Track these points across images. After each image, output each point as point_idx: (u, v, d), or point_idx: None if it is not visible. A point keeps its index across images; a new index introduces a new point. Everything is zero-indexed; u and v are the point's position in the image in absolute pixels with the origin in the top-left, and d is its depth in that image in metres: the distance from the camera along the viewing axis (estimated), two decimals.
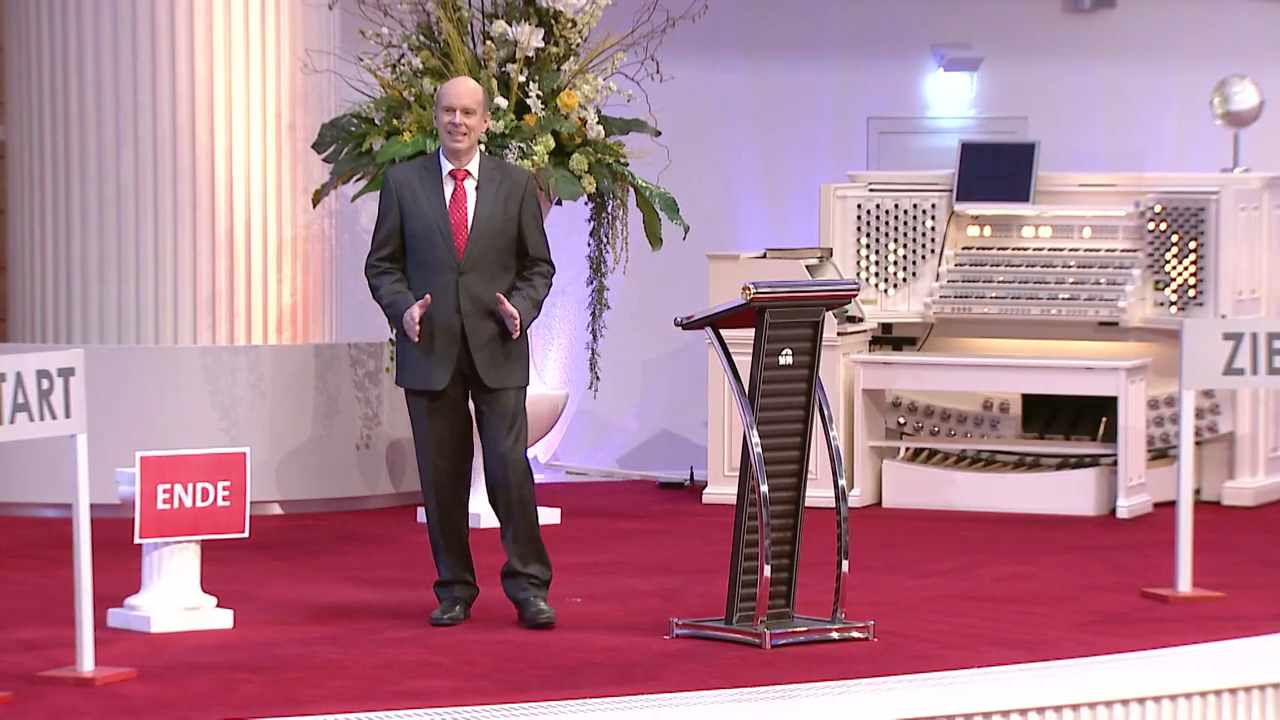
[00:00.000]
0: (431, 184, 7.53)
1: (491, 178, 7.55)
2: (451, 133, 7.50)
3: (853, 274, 11.07)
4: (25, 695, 6.49)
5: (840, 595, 7.45)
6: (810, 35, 12.31)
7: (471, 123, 7.51)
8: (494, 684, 6.73)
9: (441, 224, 7.49)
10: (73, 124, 10.58)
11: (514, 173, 7.64)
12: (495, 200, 7.52)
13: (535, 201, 7.62)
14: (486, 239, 7.50)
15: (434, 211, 7.50)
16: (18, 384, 6.52)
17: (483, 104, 7.58)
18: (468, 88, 7.56)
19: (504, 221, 7.53)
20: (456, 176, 7.54)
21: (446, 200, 7.50)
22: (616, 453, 12.18)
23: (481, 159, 7.59)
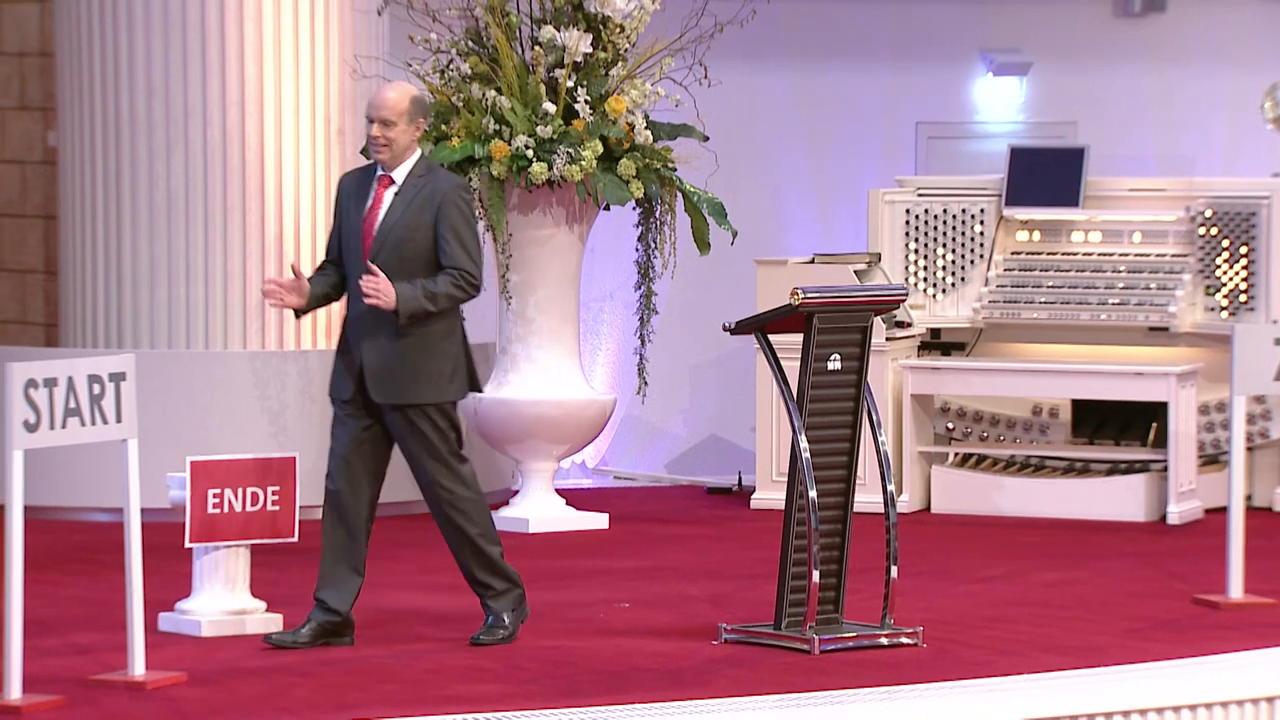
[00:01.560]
0: (363, 191, 7.34)
1: (414, 185, 7.29)
2: (372, 145, 7.29)
3: (901, 279, 11.05)
4: (77, 699, 6.52)
5: (889, 601, 7.43)
6: (859, 40, 12.30)
7: (392, 134, 7.24)
8: (543, 689, 6.73)
9: (355, 230, 7.30)
10: (123, 129, 10.62)
11: (439, 180, 7.32)
12: (408, 208, 7.25)
13: (459, 211, 7.26)
14: (390, 246, 7.22)
15: (354, 218, 7.32)
16: (69, 389, 6.55)
17: (408, 113, 7.26)
18: (387, 97, 7.29)
19: (410, 229, 7.23)
20: (381, 183, 7.34)
21: (366, 207, 7.31)
22: (664, 458, 12.17)
23: (415, 167, 7.31)
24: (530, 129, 10.09)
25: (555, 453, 10.38)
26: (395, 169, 7.31)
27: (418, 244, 7.23)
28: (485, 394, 10.34)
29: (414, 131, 7.29)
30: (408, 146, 7.29)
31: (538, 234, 10.27)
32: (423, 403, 7.28)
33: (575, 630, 7.68)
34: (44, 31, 11.80)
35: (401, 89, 7.33)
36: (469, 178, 10.07)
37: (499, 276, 10.31)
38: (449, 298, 7.25)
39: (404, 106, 7.27)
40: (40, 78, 11.84)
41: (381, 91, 7.34)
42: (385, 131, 7.25)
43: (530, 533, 10.13)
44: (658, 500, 11.33)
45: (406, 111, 7.27)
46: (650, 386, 10.61)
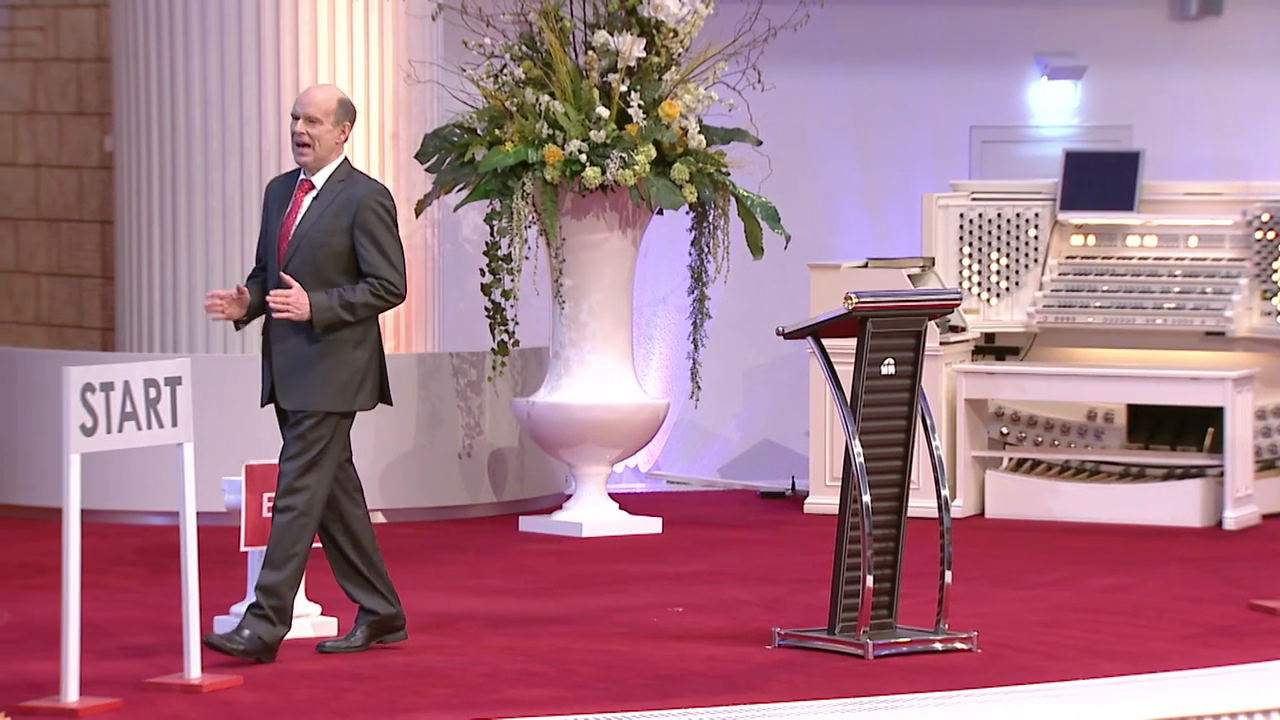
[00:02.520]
0: (283, 196, 7.19)
1: (332, 190, 7.11)
2: (295, 143, 7.12)
3: (955, 283, 11.02)
4: (134, 702, 6.55)
5: (943, 606, 7.41)
6: (912, 44, 12.27)
7: (316, 132, 7.06)
8: (596, 693, 6.74)
9: (274, 235, 7.17)
10: (179, 135, 10.67)
11: (357, 186, 7.12)
12: (324, 214, 7.08)
13: (378, 218, 7.07)
14: (304, 252, 7.06)
15: (274, 223, 7.19)
16: (126, 393, 6.58)
17: (334, 113, 7.08)
18: (314, 96, 7.12)
19: (326, 235, 7.06)
20: (302, 188, 7.18)
21: (285, 212, 7.16)
22: (718, 462, 12.17)
23: (336, 170, 7.14)
24: (584, 133, 10.10)
25: (608, 457, 10.39)
26: (317, 173, 7.13)
27: (333, 250, 7.06)
28: (539, 398, 10.36)
29: (339, 134, 7.10)
30: (332, 148, 7.10)
31: (591, 238, 10.28)
32: (325, 411, 7.09)
33: (628, 634, 7.68)
34: (101, 37, 11.87)
35: (329, 90, 7.18)
36: (523, 182, 10.09)
37: (552, 281, 10.32)
38: (368, 307, 7.07)
39: (331, 106, 7.09)
40: (97, 83, 11.90)
41: (309, 90, 7.18)
42: (309, 129, 7.07)
43: (583, 537, 10.14)
44: (711, 505, 11.32)
45: (333, 112, 7.09)
46: (703, 391, 10.61)
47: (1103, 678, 6.95)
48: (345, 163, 7.16)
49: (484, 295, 10.23)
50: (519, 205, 10.07)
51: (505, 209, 10.09)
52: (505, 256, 10.10)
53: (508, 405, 10.73)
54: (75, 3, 11.98)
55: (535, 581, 8.88)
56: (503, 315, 10.23)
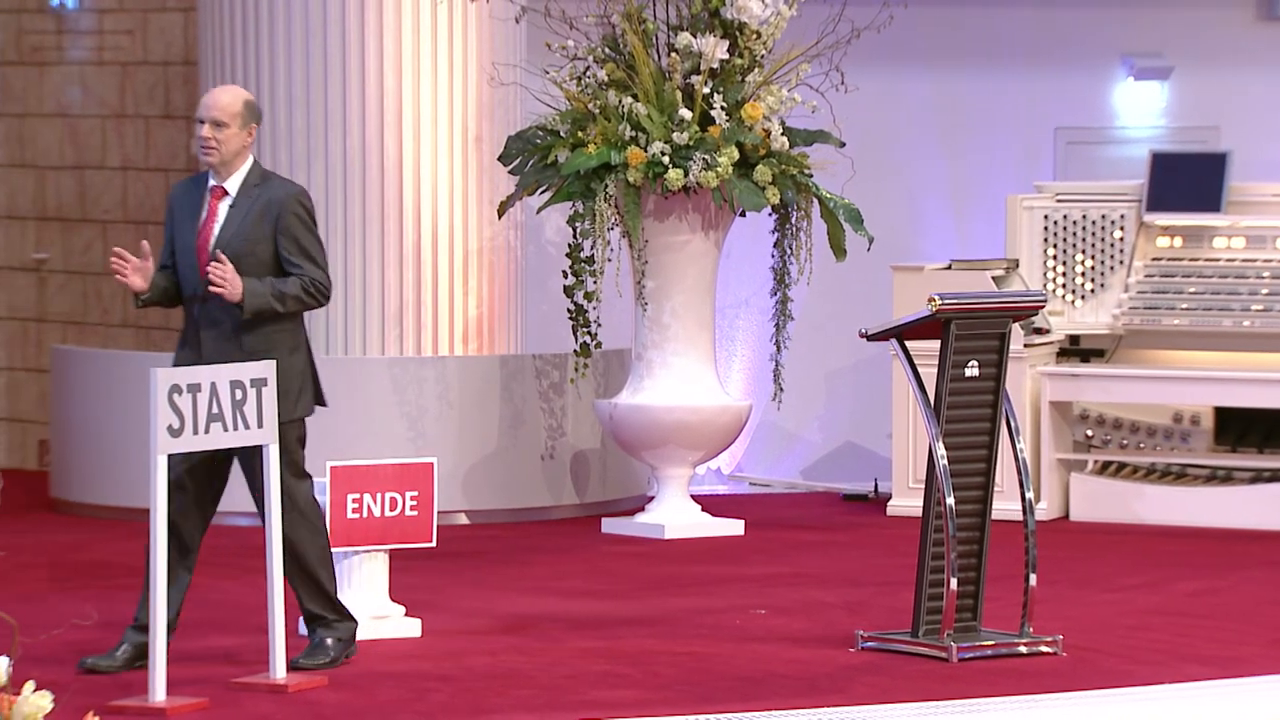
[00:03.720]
0: (194, 203, 7.00)
1: (249, 195, 6.95)
2: (201, 148, 6.95)
3: (1040, 285, 10.97)
4: (221, 701, 6.59)
5: (1028, 609, 7.38)
6: (997, 45, 12.22)
7: (224, 136, 6.90)
8: (679, 694, 6.73)
9: (189, 245, 6.96)
10: (264, 139, 10.73)
11: (276, 189, 6.98)
12: (244, 220, 6.93)
13: (300, 220, 6.97)
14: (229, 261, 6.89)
15: (187, 232, 6.98)
16: (212, 394, 6.62)
17: (241, 116, 6.93)
18: (219, 98, 6.95)
19: (250, 242, 6.92)
20: (214, 194, 6.99)
21: (200, 220, 6.98)
22: (800, 464, 12.15)
23: (248, 174, 6.98)
24: (666, 135, 10.11)
25: (691, 459, 10.39)
26: (227, 178, 6.98)
27: (258, 257, 6.94)
28: (621, 400, 10.37)
29: (246, 136, 6.96)
30: (239, 152, 6.96)
31: (673, 240, 10.28)
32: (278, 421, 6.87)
33: (711, 636, 7.68)
34: (188, 40, 11.95)
35: (235, 91, 7.02)
36: (605, 184, 10.10)
37: (635, 283, 10.33)
38: (298, 300, 6.93)
39: (237, 109, 6.94)
40: (184, 86, 11.99)
41: (214, 93, 6.99)
42: (216, 133, 6.91)
43: (666, 539, 10.14)
44: (793, 506, 11.30)
45: (239, 114, 6.94)
46: (786, 393, 10.60)
47: (1190, 682, 6.90)
48: (256, 165, 7.02)
49: (567, 297, 10.25)
50: (602, 207, 10.08)
51: (588, 211, 10.11)
52: (588, 259, 10.12)
53: (590, 407, 10.75)
54: (163, 6, 12.07)
55: (618, 583, 8.88)
56: (585, 317, 10.24)
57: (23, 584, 8.68)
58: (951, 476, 7.25)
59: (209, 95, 6.99)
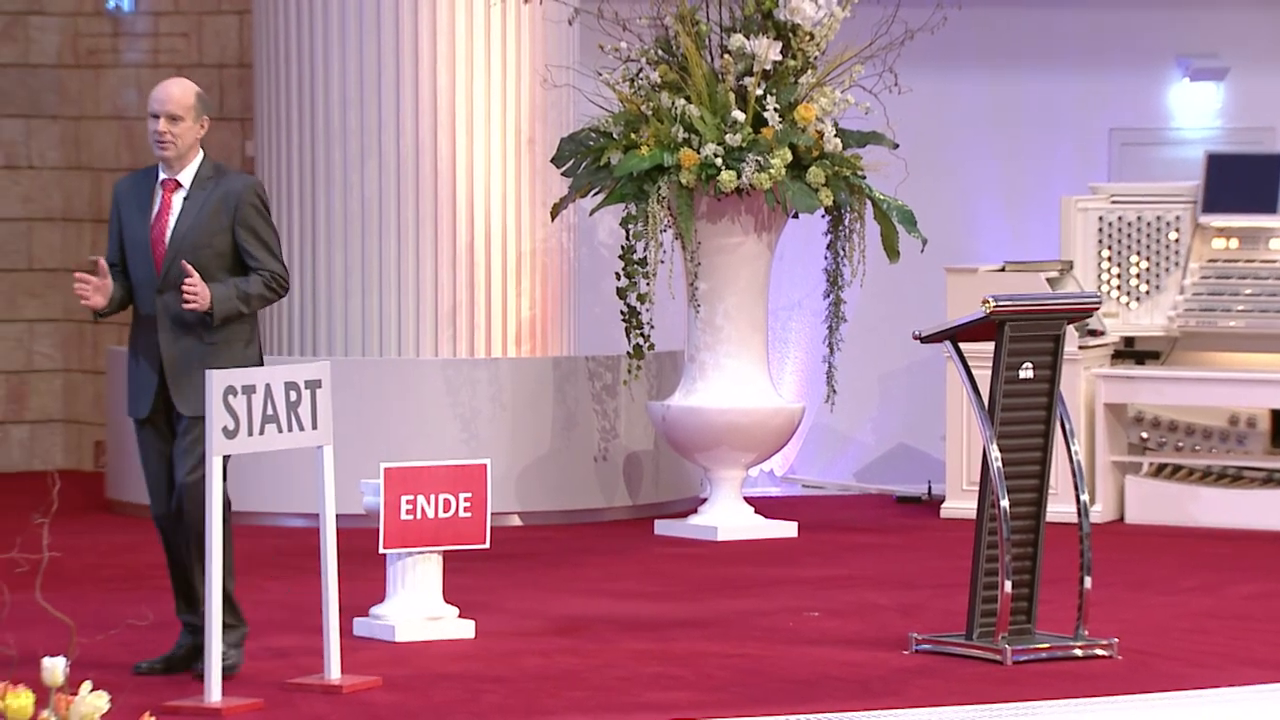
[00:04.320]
0: (143, 196, 6.90)
1: (203, 187, 6.86)
2: (156, 142, 6.83)
3: (1094, 287, 10.93)
4: (276, 702, 6.61)
5: (1083, 611, 7.35)
6: (1051, 46, 12.18)
7: (178, 130, 6.82)
8: (732, 696, 6.73)
9: (142, 239, 6.86)
10: (318, 140, 10.77)
11: (231, 181, 6.90)
12: (200, 213, 6.84)
13: (257, 212, 6.90)
14: (186, 254, 6.80)
15: (139, 226, 6.88)
16: (267, 395, 6.63)
17: (194, 109, 6.85)
18: (172, 92, 6.84)
19: (208, 235, 6.83)
20: (166, 187, 6.89)
21: (153, 214, 6.88)
22: (853, 466, 12.13)
23: (201, 167, 6.90)
24: (719, 137, 10.10)
25: (744, 460, 10.38)
26: (180, 171, 6.88)
27: (215, 250, 6.85)
28: (674, 401, 10.36)
29: (199, 130, 6.88)
30: (192, 145, 6.88)
31: (726, 242, 10.27)
32: None
33: (765, 638, 7.67)
34: (243, 43, 12.00)
35: (185, 85, 6.91)
36: (658, 186, 10.10)
37: (687, 285, 10.32)
38: (261, 298, 6.90)
39: (190, 102, 6.86)
40: (239, 88, 12.03)
41: (165, 86, 6.89)
42: (171, 127, 6.82)
43: (719, 540, 10.13)
44: (847, 509, 11.28)
45: (193, 107, 6.87)
46: (839, 394, 10.58)
47: (1246, 685, 6.86)
48: (207, 158, 6.95)
49: (619, 299, 10.25)
50: (654, 209, 10.08)
51: (641, 213, 10.11)
52: (641, 260, 10.12)
53: (643, 408, 10.75)
54: (218, 9, 12.12)
55: (671, 585, 8.88)
56: (638, 319, 10.24)
57: (78, 585, 8.72)
58: (1006, 479, 7.23)
59: (161, 89, 6.88)
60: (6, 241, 12.46)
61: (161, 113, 6.84)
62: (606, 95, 10.42)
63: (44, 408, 12.61)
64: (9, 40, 12.39)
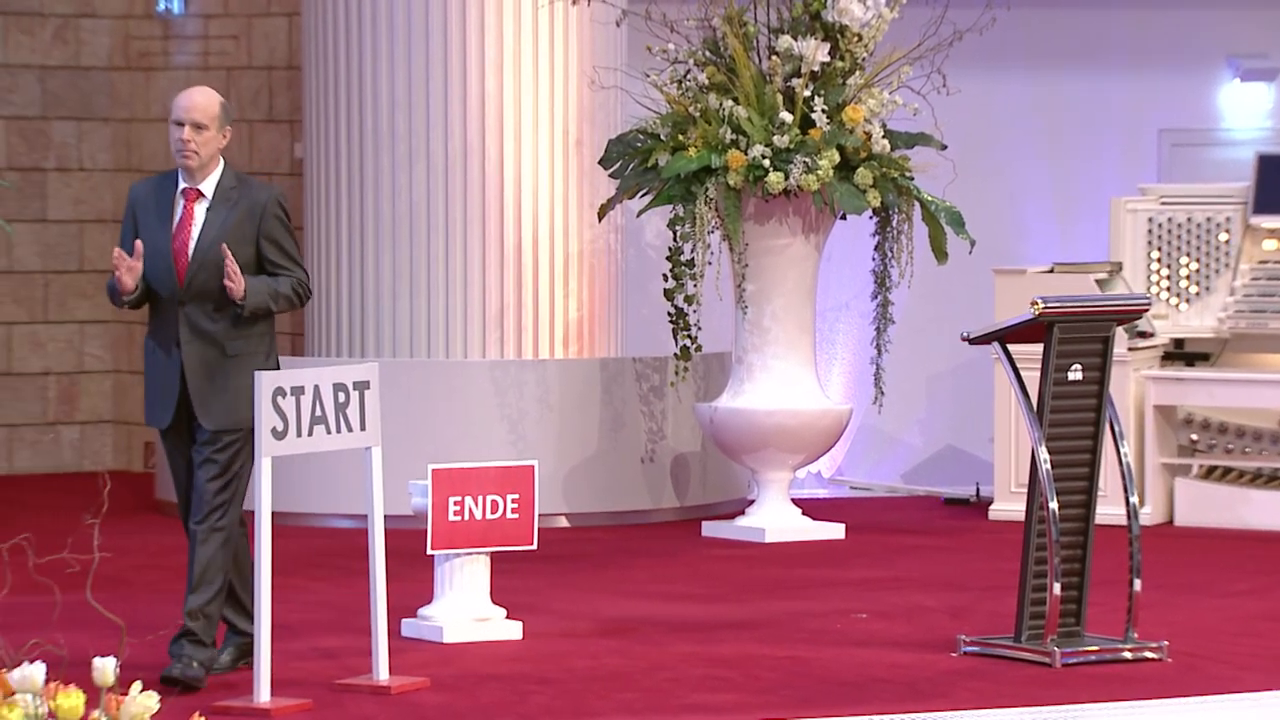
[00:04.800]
0: (163, 204, 6.81)
1: (227, 198, 6.80)
2: (180, 150, 6.75)
3: (1143, 288, 10.89)
4: (324, 703, 6.63)
5: (1133, 614, 7.32)
6: (1099, 46, 12.14)
7: (203, 139, 6.75)
8: (781, 698, 6.72)
9: (164, 248, 6.76)
10: (366, 142, 10.80)
11: (255, 191, 6.84)
12: (225, 224, 6.77)
13: (281, 224, 6.85)
14: (210, 266, 6.73)
15: (158, 234, 6.78)
16: (315, 397, 6.65)
17: (218, 118, 6.79)
18: (197, 100, 6.78)
19: (233, 246, 6.75)
20: (188, 196, 6.81)
21: (174, 223, 6.78)
22: (901, 468, 12.11)
23: (223, 176, 6.82)
24: (767, 138, 10.09)
25: (791, 462, 10.37)
26: (202, 180, 6.81)
27: (241, 260, 6.77)
28: (721, 403, 10.36)
29: (221, 140, 6.82)
30: (214, 154, 6.82)
31: (774, 243, 10.27)
32: (248, 427, 6.74)
33: (812, 640, 7.66)
34: (291, 46, 12.04)
35: (210, 93, 6.85)
36: (706, 187, 10.10)
37: (735, 286, 10.32)
38: (288, 300, 6.85)
39: (215, 111, 6.80)
40: (288, 91, 12.07)
41: (190, 94, 6.81)
42: (195, 136, 6.75)
43: (766, 542, 10.13)
44: (894, 511, 11.26)
45: (218, 116, 6.80)
46: (887, 396, 10.56)
47: None
48: (228, 167, 6.89)
49: (667, 300, 10.25)
50: (702, 210, 10.08)
51: (688, 214, 10.11)
52: (688, 262, 10.12)
53: (690, 410, 10.75)
54: (267, 11, 12.17)
55: (718, 586, 8.88)
56: (685, 320, 10.24)
57: (128, 585, 8.76)
58: (1054, 481, 7.21)
59: (185, 97, 6.81)
60: (58, 243, 12.52)
61: (186, 120, 6.76)
62: (654, 97, 10.42)
63: (94, 409, 12.68)
64: (60, 43, 12.46)
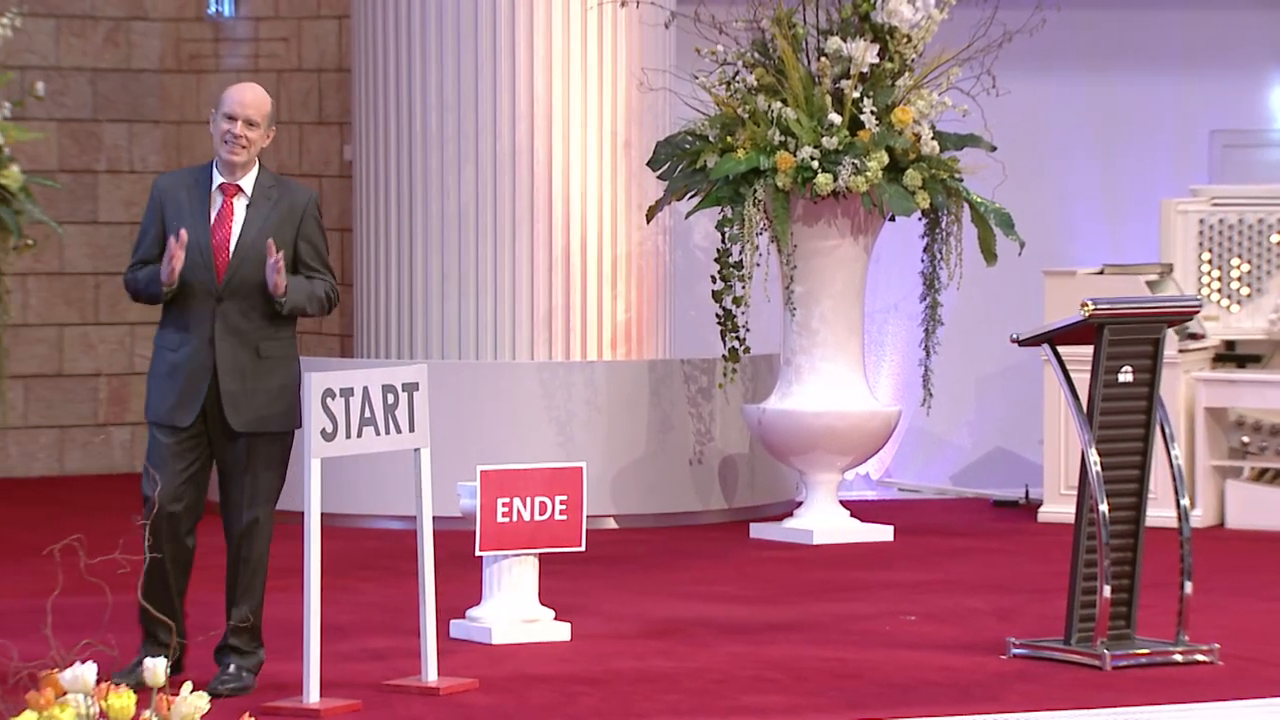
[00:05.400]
0: (197, 198, 6.67)
1: (268, 196, 6.70)
2: (229, 143, 6.62)
3: (1194, 290, 10.84)
4: (373, 704, 6.65)
5: (1184, 617, 7.29)
6: (1150, 47, 12.09)
7: (253, 135, 6.65)
8: (829, 700, 6.71)
9: (202, 243, 6.62)
10: (416, 144, 10.82)
11: (295, 192, 6.76)
12: (266, 222, 6.67)
13: (318, 225, 6.77)
14: (251, 264, 6.63)
15: (196, 228, 6.62)
16: (365, 398, 6.66)
17: (269, 117, 6.69)
18: (254, 96, 6.68)
19: (267, 239, 6.65)
20: (226, 192, 6.68)
21: (211, 217, 6.66)
22: (949, 470, 12.08)
23: (260, 175, 6.72)
24: (816, 140, 10.08)
25: (839, 464, 10.35)
26: (242, 177, 6.69)
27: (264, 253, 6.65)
28: (770, 405, 10.35)
29: (266, 139, 6.73)
30: (256, 153, 6.74)
31: (822, 245, 10.25)
32: (282, 430, 6.72)
33: (861, 642, 7.65)
34: (341, 48, 12.07)
35: (262, 92, 6.74)
36: (754, 189, 10.09)
37: (783, 288, 10.31)
38: (320, 304, 6.78)
39: (267, 110, 6.70)
40: (337, 93, 12.11)
41: (244, 90, 6.70)
42: (247, 131, 6.64)
43: (814, 544, 10.11)
44: (943, 513, 11.24)
45: (268, 115, 6.71)
46: (935, 398, 10.54)
47: None
48: (264, 166, 6.81)
49: (715, 302, 10.25)
50: (750, 212, 10.08)
51: (737, 216, 10.10)
52: (736, 263, 10.11)
53: (738, 412, 10.74)
54: (317, 14, 12.21)
55: (767, 588, 8.87)
56: (734, 322, 10.23)
57: None
58: (1105, 483, 7.18)
59: (239, 92, 6.69)
60: (109, 245, 12.58)
61: (240, 115, 6.65)
62: (703, 98, 10.41)
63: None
64: (112, 46, 12.52)
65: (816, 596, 8.63)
